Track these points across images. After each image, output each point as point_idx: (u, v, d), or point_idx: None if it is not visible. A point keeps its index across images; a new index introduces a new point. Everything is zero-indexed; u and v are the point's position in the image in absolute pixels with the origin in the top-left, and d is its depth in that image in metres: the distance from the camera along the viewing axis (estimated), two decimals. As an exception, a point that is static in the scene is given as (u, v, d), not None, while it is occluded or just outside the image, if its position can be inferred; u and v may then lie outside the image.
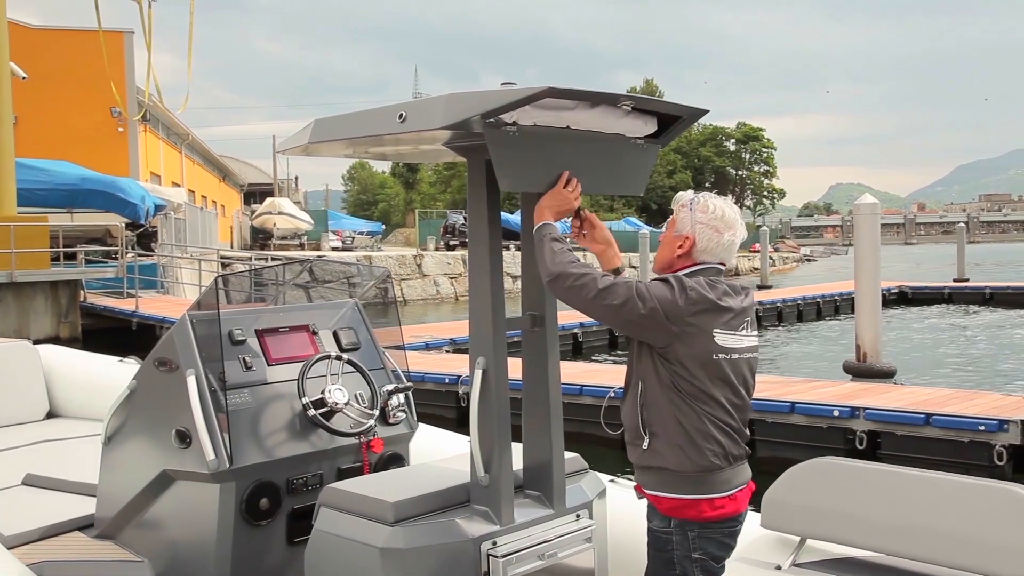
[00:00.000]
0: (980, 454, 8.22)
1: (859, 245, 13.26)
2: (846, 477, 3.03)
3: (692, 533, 2.72)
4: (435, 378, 11.75)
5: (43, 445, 5.57)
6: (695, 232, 2.80)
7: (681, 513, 2.72)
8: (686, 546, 2.72)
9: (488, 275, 3.00)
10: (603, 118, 2.90)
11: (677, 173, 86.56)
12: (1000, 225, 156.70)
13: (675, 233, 2.84)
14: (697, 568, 2.73)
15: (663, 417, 2.72)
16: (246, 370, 3.77)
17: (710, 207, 2.81)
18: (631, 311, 2.64)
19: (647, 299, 2.64)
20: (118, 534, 3.93)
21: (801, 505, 3.09)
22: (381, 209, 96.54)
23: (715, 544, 2.74)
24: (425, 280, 35.55)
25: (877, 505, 2.91)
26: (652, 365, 2.73)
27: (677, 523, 2.73)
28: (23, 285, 17.62)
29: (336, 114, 3.05)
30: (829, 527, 3.03)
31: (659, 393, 2.72)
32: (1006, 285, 30.03)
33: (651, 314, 2.64)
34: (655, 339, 2.70)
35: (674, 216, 2.89)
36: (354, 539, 2.88)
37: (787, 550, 3.15)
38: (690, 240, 2.80)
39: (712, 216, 2.80)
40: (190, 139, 42.98)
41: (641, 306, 2.64)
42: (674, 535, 2.74)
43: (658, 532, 2.78)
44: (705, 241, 2.79)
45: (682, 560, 2.73)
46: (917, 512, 2.83)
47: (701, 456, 2.69)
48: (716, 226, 2.79)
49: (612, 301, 2.65)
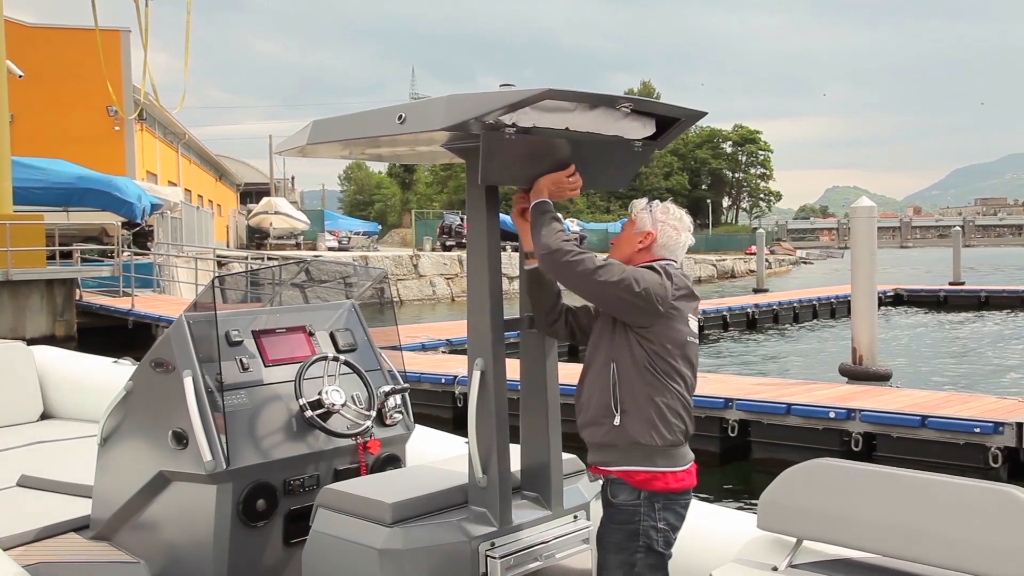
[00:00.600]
0: (975, 456, 8.25)
1: (855, 248, 13.29)
2: (843, 478, 3.04)
3: (658, 504, 2.92)
4: (431, 378, 11.75)
5: (38, 446, 5.55)
6: (656, 229, 3.03)
7: (651, 485, 2.91)
8: (653, 516, 2.92)
9: (487, 276, 3.00)
10: (602, 120, 2.91)
11: (674, 175, 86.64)
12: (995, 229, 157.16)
13: (635, 230, 3.04)
14: (660, 537, 2.93)
15: (636, 395, 2.89)
16: (243, 371, 3.76)
17: (670, 209, 3.09)
18: (626, 290, 2.82)
19: (640, 281, 2.84)
20: (114, 535, 3.92)
21: (797, 506, 3.10)
22: (377, 209, 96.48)
23: (674, 515, 2.96)
24: (421, 280, 35.55)
25: (874, 507, 2.92)
26: (628, 346, 2.91)
27: (646, 495, 2.91)
28: (19, 283, 17.57)
29: (334, 115, 3.05)
30: (825, 528, 3.04)
31: (633, 372, 2.89)
32: (1001, 288, 30.15)
33: (644, 294, 2.83)
34: (642, 319, 2.88)
35: (632, 218, 3.09)
36: (352, 540, 2.88)
37: (783, 551, 3.15)
38: (651, 236, 3.02)
39: (672, 216, 3.06)
40: (186, 138, 42.93)
41: (635, 286, 2.82)
42: (642, 507, 2.91)
43: (625, 506, 2.93)
44: (665, 238, 3.03)
45: (648, 530, 2.91)
46: (913, 514, 2.84)
47: (670, 431, 2.90)
48: (675, 225, 3.05)
49: (608, 278, 2.82)
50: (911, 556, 2.87)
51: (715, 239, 75.99)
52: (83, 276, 19.94)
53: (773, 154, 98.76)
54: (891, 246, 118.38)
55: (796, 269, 63.45)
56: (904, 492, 2.88)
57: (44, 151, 24.63)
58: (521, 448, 3.22)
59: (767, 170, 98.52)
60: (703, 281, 48.76)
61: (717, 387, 10.47)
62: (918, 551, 2.84)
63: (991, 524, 2.68)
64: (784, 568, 3.09)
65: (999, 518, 2.67)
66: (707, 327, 22.15)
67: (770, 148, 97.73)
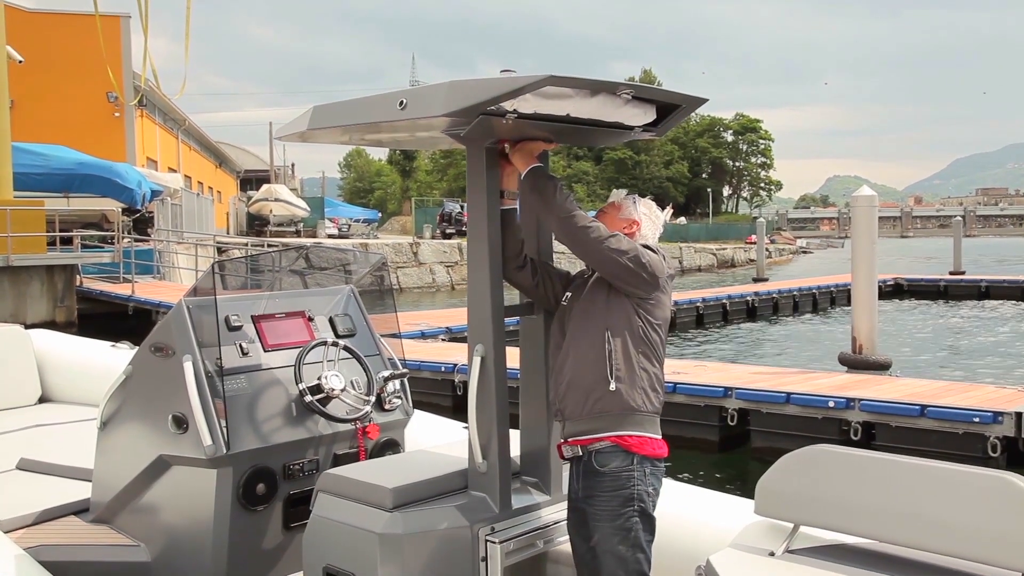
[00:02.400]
0: (974, 446, 8.27)
1: (856, 237, 13.28)
2: (839, 465, 3.05)
3: (648, 468, 3.03)
4: (431, 366, 11.76)
5: (36, 430, 5.56)
6: (641, 219, 3.21)
7: (643, 449, 3.01)
8: (645, 481, 3.01)
9: (487, 263, 3.01)
10: (603, 106, 2.92)
11: (674, 164, 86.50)
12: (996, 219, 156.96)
13: (621, 215, 3.20)
14: (651, 501, 3.03)
15: (631, 363, 3.02)
16: (242, 356, 3.77)
17: (650, 203, 3.28)
18: (634, 260, 2.98)
19: (644, 254, 3.02)
20: (114, 519, 3.94)
21: (794, 492, 3.12)
22: (377, 197, 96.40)
23: (657, 480, 3.07)
24: (421, 268, 35.54)
25: (870, 492, 2.94)
26: (626, 315, 3.05)
27: (639, 459, 3.00)
28: (19, 269, 17.58)
29: (334, 101, 3.04)
30: (822, 514, 3.06)
31: (630, 342, 3.03)
32: (1002, 278, 30.12)
33: (648, 266, 3.01)
34: (644, 289, 3.04)
35: (616, 204, 3.25)
36: (353, 524, 2.89)
37: (780, 537, 3.17)
38: (637, 225, 3.20)
39: (651, 210, 3.26)
40: (186, 125, 42.84)
41: (642, 256, 3.00)
42: (635, 471, 3.00)
43: (619, 471, 2.99)
44: (647, 228, 3.22)
45: (642, 494, 3.00)
46: (909, 499, 2.86)
47: (657, 399, 3.08)
48: (653, 219, 3.26)
49: (619, 247, 2.99)
50: (907, 541, 2.89)
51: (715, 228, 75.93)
52: (83, 262, 19.94)
53: (774, 143, 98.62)
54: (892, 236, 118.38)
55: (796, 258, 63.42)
56: (900, 478, 2.90)
57: (44, 137, 24.60)
58: (520, 434, 3.23)
59: (767, 159, 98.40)
60: (703, 270, 48.74)
61: (717, 376, 10.47)
62: (914, 536, 2.86)
63: (986, 509, 2.70)
64: (781, 553, 3.11)
65: (994, 504, 2.69)
66: (707, 316, 22.16)
67: (771, 137, 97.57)
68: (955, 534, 2.76)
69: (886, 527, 2.92)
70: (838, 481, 3.02)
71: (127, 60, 31.90)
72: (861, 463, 3.02)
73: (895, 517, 2.88)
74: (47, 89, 29.28)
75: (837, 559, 2.99)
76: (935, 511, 2.80)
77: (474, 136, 2.83)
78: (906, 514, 2.86)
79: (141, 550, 3.79)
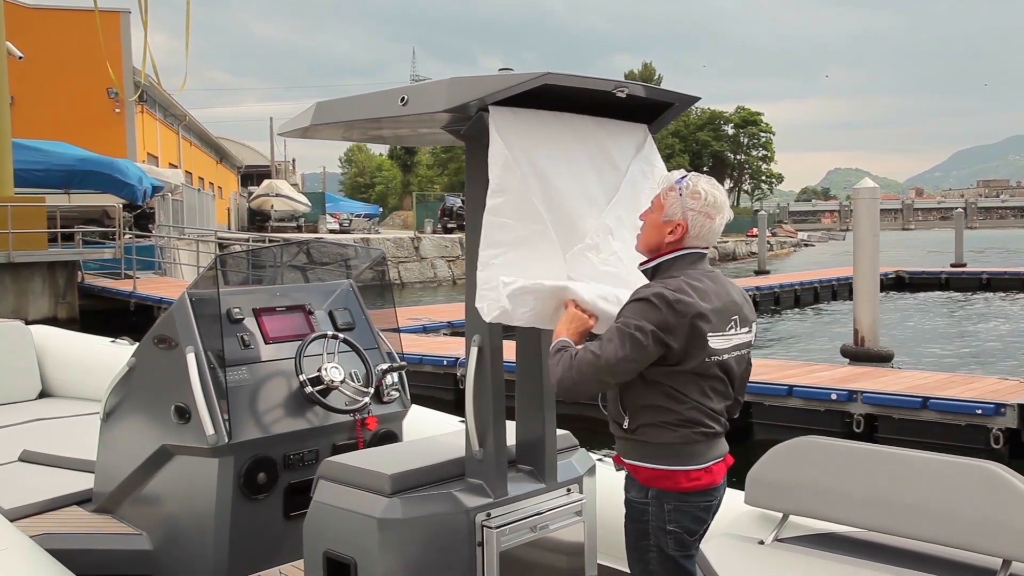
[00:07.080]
0: (977, 438, 8.26)
1: (858, 229, 13.29)
2: (827, 455, 3.10)
3: (668, 505, 2.70)
4: (433, 360, 11.80)
5: (37, 423, 5.61)
6: (687, 219, 2.72)
7: (658, 483, 2.70)
8: (661, 517, 2.71)
9: None
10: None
11: (675, 157, 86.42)
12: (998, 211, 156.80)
13: (665, 218, 2.74)
14: (671, 540, 2.71)
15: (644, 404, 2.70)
16: (244, 348, 3.82)
17: (701, 193, 2.73)
18: (636, 346, 2.56)
19: (642, 327, 2.57)
20: (116, 508, 3.99)
21: (784, 482, 3.16)
22: (378, 192, 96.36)
23: (689, 517, 2.71)
24: (423, 263, 35.57)
25: (857, 482, 2.99)
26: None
27: (654, 493, 2.71)
28: (20, 266, 17.61)
29: (335, 96, 3.08)
30: (811, 504, 3.11)
31: (641, 386, 2.68)
32: (1003, 270, 30.11)
33: (653, 336, 2.56)
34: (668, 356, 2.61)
35: (660, 198, 2.79)
36: (352, 510, 2.93)
37: (770, 526, 3.22)
38: (682, 227, 2.72)
39: (704, 203, 2.72)
40: (187, 120, 42.84)
41: (642, 337, 2.56)
42: (650, 506, 2.73)
43: (635, 503, 2.78)
44: (698, 228, 2.73)
45: (656, 531, 2.72)
46: (896, 489, 2.90)
47: (680, 429, 2.67)
48: (708, 212, 2.73)
49: (618, 352, 2.56)
50: (894, 530, 2.94)
51: (717, 222, 75.54)
52: (85, 258, 19.97)
53: (775, 136, 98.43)
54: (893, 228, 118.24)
55: (797, 251, 63.38)
56: (887, 468, 2.96)
57: (45, 133, 24.63)
58: (516, 423, 3.27)
59: (769, 152, 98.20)
60: (705, 263, 48.53)
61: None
62: (900, 525, 2.91)
63: (969, 498, 2.76)
64: (771, 542, 3.16)
65: (977, 492, 2.75)
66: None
67: (772, 130, 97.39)
68: (939, 522, 2.81)
69: (872, 516, 2.97)
70: (826, 472, 3.07)
71: (127, 56, 31.90)
72: (848, 454, 3.07)
73: (881, 506, 2.93)
74: (47, 85, 29.30)
75: (825, 547, 3.04)
76: (920, 500, 2.86)
77: (473, 133, 2.87)
78: (892, 503, 2.91)
79: (143, 538, 3.84)
